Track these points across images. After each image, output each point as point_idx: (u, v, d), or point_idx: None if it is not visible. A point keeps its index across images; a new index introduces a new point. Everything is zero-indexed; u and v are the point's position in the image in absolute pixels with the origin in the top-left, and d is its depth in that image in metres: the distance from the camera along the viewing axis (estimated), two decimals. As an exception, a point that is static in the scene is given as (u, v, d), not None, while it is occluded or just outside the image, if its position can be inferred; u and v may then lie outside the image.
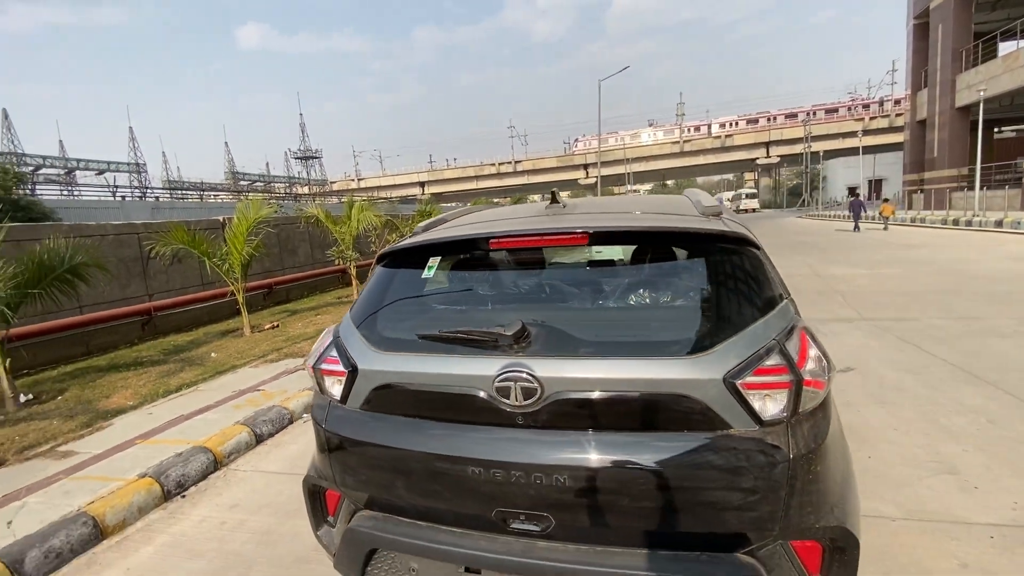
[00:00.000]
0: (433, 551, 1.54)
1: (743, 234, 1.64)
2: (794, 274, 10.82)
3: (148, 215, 22.57)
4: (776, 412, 1.35)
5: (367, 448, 1.63)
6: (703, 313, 1.56)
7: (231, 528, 2.97)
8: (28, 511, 3.09)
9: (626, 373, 1.41)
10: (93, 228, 8.08)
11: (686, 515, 1.37)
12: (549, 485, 1.41)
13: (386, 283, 1.88)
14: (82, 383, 5.97)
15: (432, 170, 76.51)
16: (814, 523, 1.36)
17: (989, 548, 2.36)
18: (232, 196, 56.23)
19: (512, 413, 1.46)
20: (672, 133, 77.91)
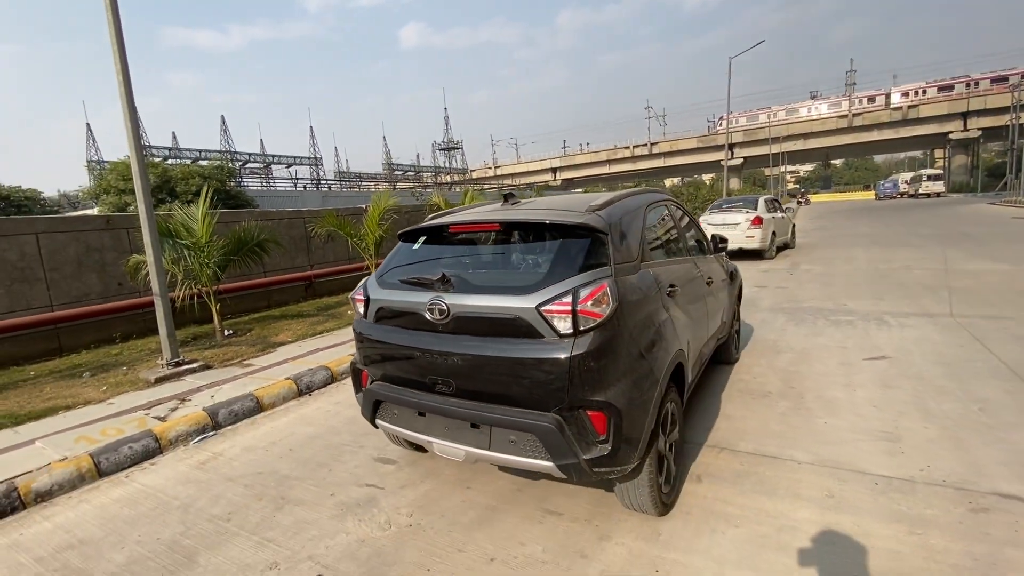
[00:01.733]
0: (404, 402, 2.72)
1: (590, 224, 2.50)
2: (917, 267, 9.92)
3: (319, 203, 27.25)
4: (565, 328, 2.24)
5: (374, 343, 2.86)
6: (544, 269, 2.48)
7: (333, 414, 4.50)
8: (223, 392, 4.96)
9: (493, 303, 2.41)
10: (273, 214, 10.72)
11: (521, 386, 2.34)
12: (453, 363, 2.48)
13: (397, 251, 3.09)
14: (262, 326, 8.31)
15: (565, 156, 77.40)
16: (590, 397, 2.24)
17: (863, 490, 2.85)
18: (387, 185, 63.38)
19: (435, 323, 2.55)
20: (839, 106, 68.46)
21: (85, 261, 7.61)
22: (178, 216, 7.47)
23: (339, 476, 3.37)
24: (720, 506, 2.78)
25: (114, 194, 19.36)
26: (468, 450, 2.51)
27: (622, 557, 2.42)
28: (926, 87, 62.50)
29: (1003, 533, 2.42)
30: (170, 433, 4.01)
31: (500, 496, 3.00)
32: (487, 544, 2.57)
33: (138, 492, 3.34)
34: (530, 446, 2.34)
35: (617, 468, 2.32)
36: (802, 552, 2.38)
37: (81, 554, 2.71)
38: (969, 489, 2.78)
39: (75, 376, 5.90)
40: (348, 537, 2.70)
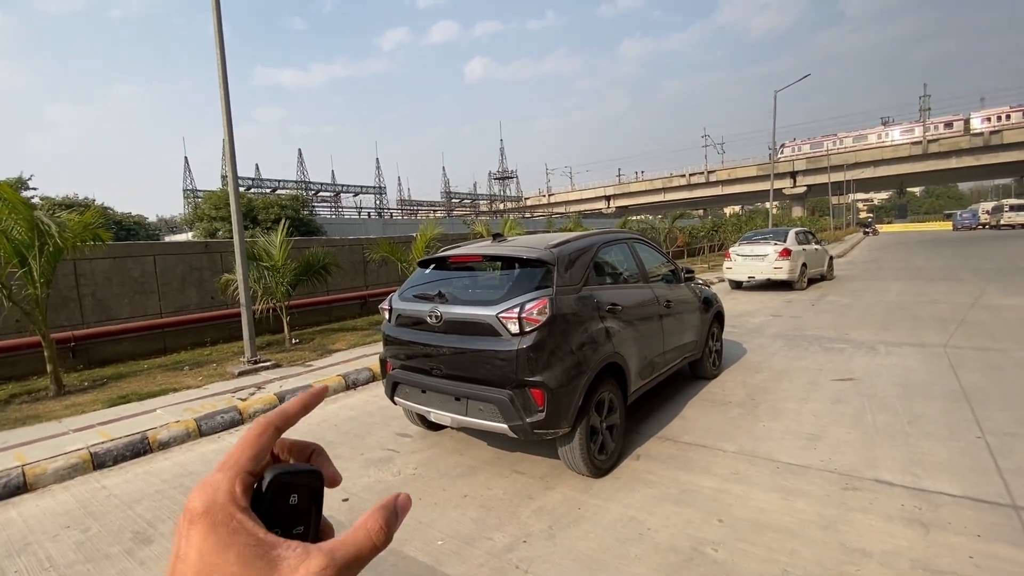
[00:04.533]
0: (413, 383, 3.77)
1: (542, 258, 3.50)
2: (943, 301, 10.00)
3: (380, 230, 29.55)
4: (515, 329, 3.22)
5: (394, 340, 3.94)
6: (506, 288, 3.48)
7: (369, 403, 5.64)
8: (288, 383, 6.23)
9: (470, 311, 3.44)
10: (336, 241, 12.34)
11: (485, 369, 3.32)
12: (443, 354, 3.52)
13: (415, 274, 4.20)
14: (323, 336, 9.72)
15: (619, 184, 77.91)
16: (530, 378, 3.18)
17: (765, 470, 3.59)
18: (444, 212, 66.34)
19: (433, 326, 3.60)
20: (912, 132, 65.16)
21: (188, 278, 9.35)
22: (260, 243, 9.08)
23: (368, 443, 4.45)
24: (645, 475, 3.61)
25: (207, 221, 22.22)
26: (453, 416, 3.51)
27: (557, 500, 3.32)
28: (1010, 111, 58.48)
29: (858, 504, 3.11)
30: (250, 409, 5.27)
31: (482, 460, 3.96)
32: (464, 488, 3.54)
33: (227, 446, 4.57)
34: (492, 413, 3.32)
35: (551, 430, 3.24)
36: (691, 504, 3.18)
37: (191, 479, 3.93)
38: (852, 476, 3.45)
39: (178, 369, 7.43)
40: (369, 479, 3.75)
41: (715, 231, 26.63)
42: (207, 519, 0.34)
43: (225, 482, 0.35)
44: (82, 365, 7.70)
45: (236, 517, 0.34)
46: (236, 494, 0.35)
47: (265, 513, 0.36)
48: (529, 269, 3.54)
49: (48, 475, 3.91)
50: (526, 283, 3.46)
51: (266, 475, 0.37)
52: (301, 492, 0.38)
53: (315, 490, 0.39)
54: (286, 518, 0.37)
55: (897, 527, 2.84)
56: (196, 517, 0.34)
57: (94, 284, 8.09)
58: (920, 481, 3.32)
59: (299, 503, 0.38)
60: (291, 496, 0.38)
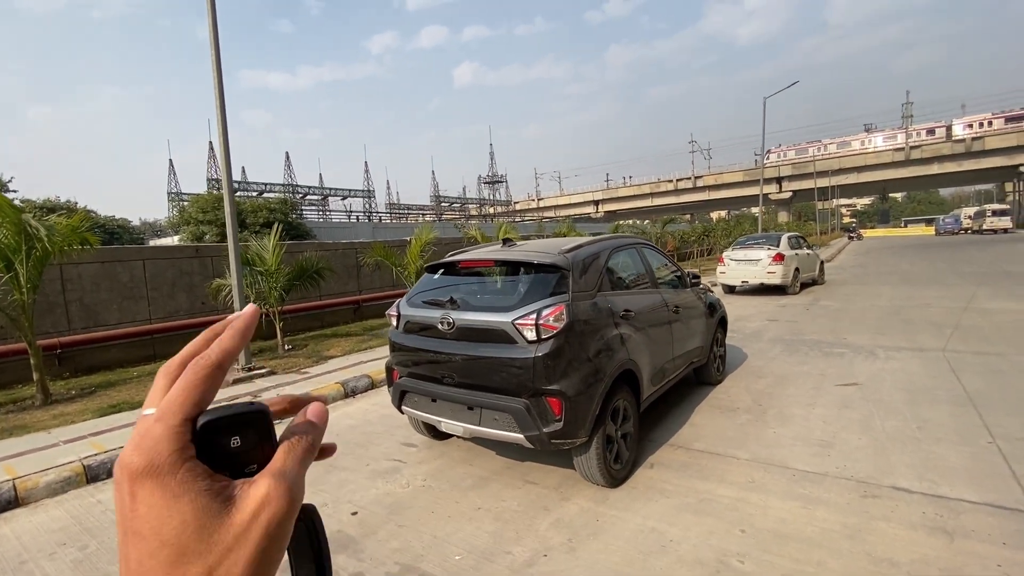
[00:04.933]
0: (422, 391, 3.67)
1: (556, 263, 3.43)
2: (935, 306, 10.12)
3: (370, 234, 29.29)
4: (531, 337, 3.14)
5: (403, 347, 3.84)
6: (521, 294, 3.40)
7: (370, 411, 5.51)
8: (285, 391, 6.04)
9: (484, 318, 3.35)
10: (329, 245, 12.18)
11: (500, 378, 3.24)
12: (456, 362, 3.42)
13: (423, 279, 4.10)
14: (316, 342, 9.55)
15: (607, 189, 78.37)
16: (547, 386, 3.11)
17: (781, 478, 3.54)
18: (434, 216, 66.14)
19: (445, 332, 3.51)
20: (895, 139, 66.47)
21: (178, 283, 9.14)
22: (253, 247, 8.90)
23: (373, 453, 4.34)
24: (661, 484, 3.54)
25: (194, 224, 21.85)
26: (465, 426, 3.42)
27: (574, 511, 3.24)
28: (992, 118, 59.99)
29: (880, 512, 3.07)
30: (247, 419, 5.12)
31: (493, 470, 3.87)
32: (477, 499, 3.45)
33: (225, 457, 4.42)
34: (507, 423, 3.23)
35: (569, 440, 3.17)
36: (711, 514, 3.12)
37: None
38: (869, 483, 3.42)
39: (169, 377, 7.22)
40: (377, 491, 3.64)
41: (706, 236, 26.82)
42: (152, 474, 0.32)
43: (165, 435, 0.33)
44: (68, 373, 7.46)
45: (184, 466, 0.33)
46: (181, 444, 0.33)
47: (208, 460, 0.35)
48: (544, 274, 3.47)
49: (40, 489, 3.74)
50: (541, 289, 3.38)
51: (198, 421, 0.35)
52: (244, 433, 0.37)
53: (261, 429, 0.38)
54: (232, 461, 0.36)
55: (921, 536, 2.81)
56: (138, 474, 0.32)
57: (81, 289, 7.86)
58: (938, 488, 3.30)
59: (244, 443, 0.37)
60: (232, 439, 0.36)
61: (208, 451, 0.35)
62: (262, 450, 0.38)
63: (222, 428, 0.36)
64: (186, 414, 0.34)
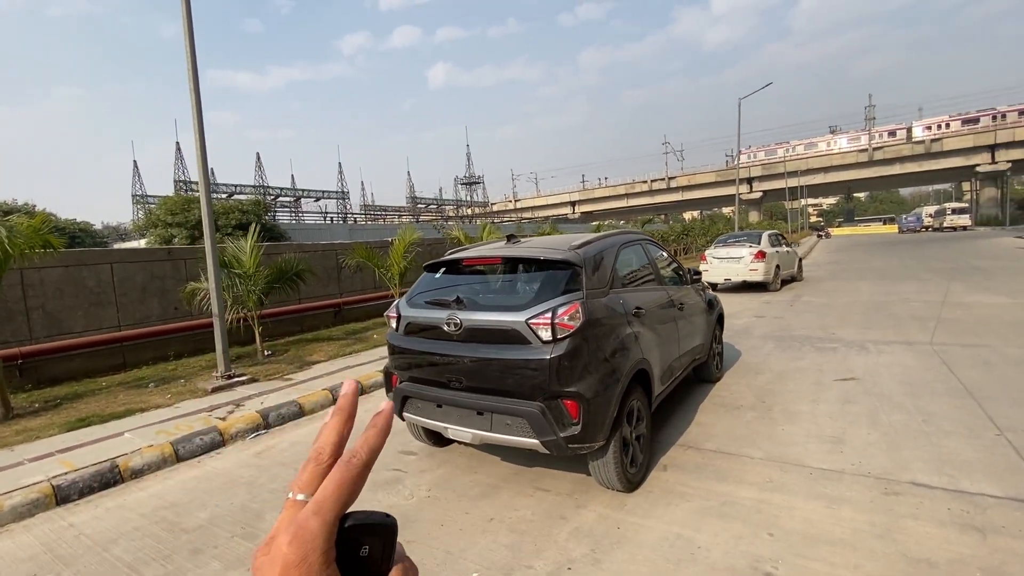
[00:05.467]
0: (426, 396, 3.46)
1: (569, 259, 3.27)
2: (916, 300, 10.34)
3: (347, 235, 28.67)
4: (547, 336, 2.97)
5: (404, 351, 3.62)
6: (533, 292, 3.23)
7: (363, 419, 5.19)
8: (270, 399, 5.77)
9: (494, 317, 3.17)
10: (308, 246, 11.78)
11: (512, 380, 3.06)
12: (464, 365, 3.22)
13: (422, 278, 3.89)
14: (297, 347, 9.19)
15: (583, 190, 78.88)
16: (565, 388, 2.94)
17: (800, 477, 3.45)
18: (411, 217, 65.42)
19: (451, 334, 3.31)
20: (858, 140, 68.71)
21: (149, 288, 8.66)
22: (230, 249, 8.50)
23: (371, 463, 4.09)
24: (678, 487, 3.41)
25: (162, 227, 20.95)
26: (475, 432, 3.23)
27: (592, 519, 3.08)
28: (949, 120, 62.51)
29: (905, 510, 3.00)
30: (231, 430, 4.81)
31: (501, 477, 3.68)
32: (488, 509, 3.25)
33: (210, 472, 4.12)
34: (521, 427, 3.05)
35: (587, 444, 3.00)
36: (736, 518, 3.00)
37: (173, 512, 3.48)
38: (889, 479, 3.35)
39: (141, 387, 6.80)
40: (379, 504, 3.41)
41: (685, 235, 27.15)
42: (303, 571, 0.34)
43: (321, 532, 0.35)
44: (31, 385, 6.96)
45: (328, 570, 0.35)
46: (330, 544, 0.36)
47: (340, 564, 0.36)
48: (555, 271, 3.30)
49: (5, 513, 3.39)
50: (553, 286, 3.21)
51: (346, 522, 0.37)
52: (372, 543, 0.38)
53: (387, 543, 0.39)
54: (357, 570, 0.37)
55: (953, 533, 2.74)
56: (291, 566, 0.34)
57: (44, 295, 7.36)
58: (957, 483, 3.25)
59: (370, 554, 0.38)
60: (363, 547, 0.38)
61: (342, 554, 0.37)
62: (381, 565, 0.39)
63: (360, 534, 0.38)
64: (338, 512, 0.37)
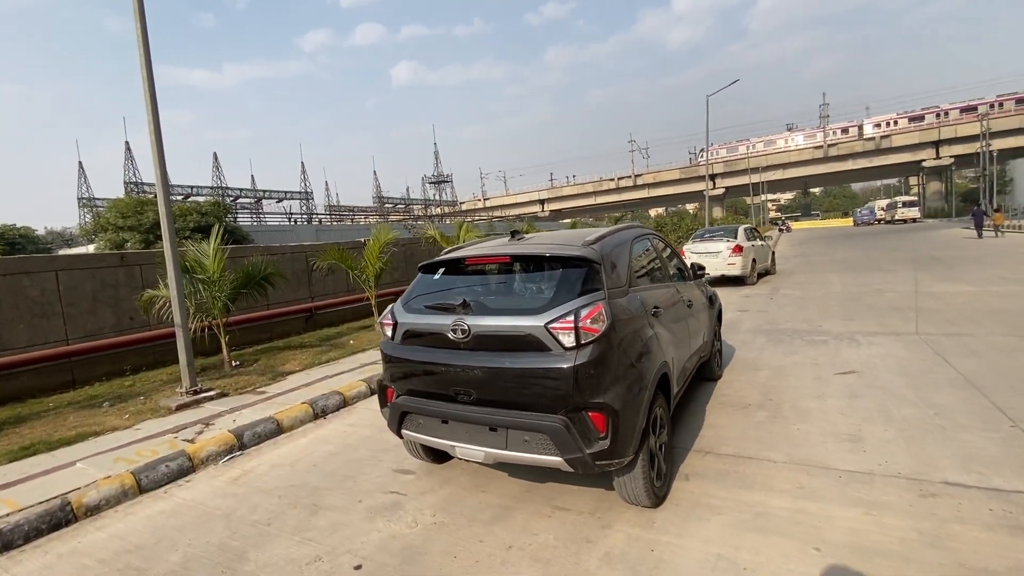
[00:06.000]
0: (429, 412, 3.11)
1: (586, 256, 2.99)
2: (888, 291, 10.55)
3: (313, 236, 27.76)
4: (569, 342, 2.68)
5: (401, 361, 3.26)
6: (549, 294, 2.94)
7: (348, 434, 4.84)
8: (243, 416, 5.28)
9: (507, 322, 2.85)
10: (276, 248, 11.14)
11: (531, 392, 2.76)
12: (473, 376, 2.90)
13: (418, 281, 3.53)
14: (268, 356, 8.61)
15: (552, 188, 79.12)
16: (591, 399, 2.66)
17: (829, 481, 3.27)
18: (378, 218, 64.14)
19: (457, 341, 2.98)
20: (814, 137, 71.32)
21: (100, 297, 7.93)
22: (191, 253, 7.86)
23: (364, 486, 3.71)
24: (705, 499, 3.18)
25: (112, 231, 19.67)
26: (487, 451, 2.90)
27: (622, 541, 2.80)
28: (897, 118, 65.58)
29: (948, 513, 2.84)
30: (202, 453, 4.32)
31: (512, 496, 3.37)
32: (504, 535, 2.94)
33: (180, 505, 3.65)
34: (541, 444, 2.74)
35: (616, 460, 2.73)
36: (775, 531, 2.78)
37: (140, 556, 3.02)
38: (920, 479, 3.20)
39: (95, 406, 6.17)
40: (380, 534, 3.05)
41: (658, 230, 27.33)
42: None
43: None
44: (-36, 409, 6.21)
45: None
46: None
47: None
48: (571, 269, 3.00)
49: (-74, 573, 2.86)
50: (571, 286, 2.92)
51: None
52: None
53: None
54: None
55: (1004, 537, 2.58)
56: None
57: (-23, 308, 6.59)
58: (989, 480, 3.13)
59: None
60: None
61: None
62: None
63: None
64: None
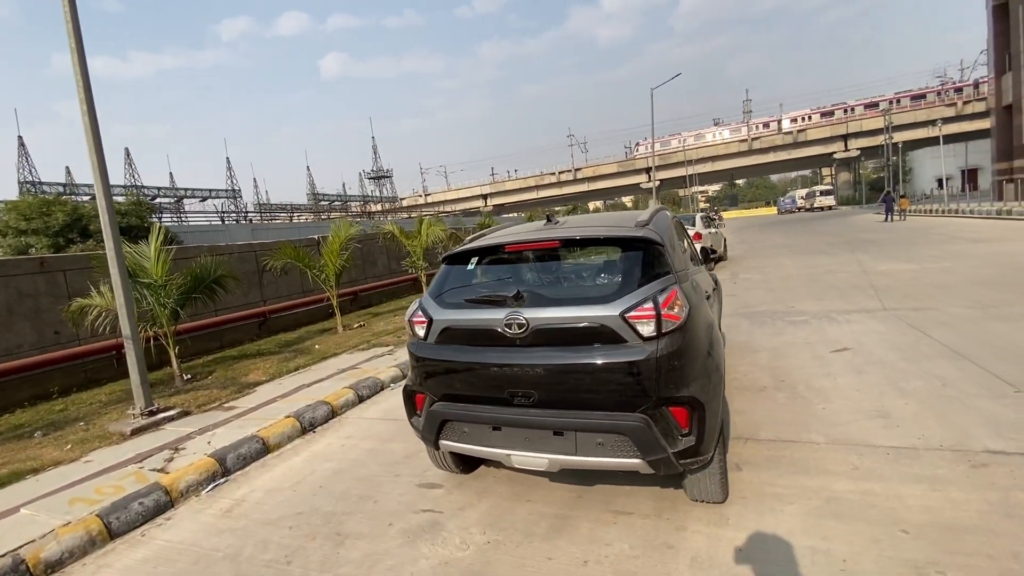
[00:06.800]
0: (477, 418, 2.76)
1: (649, 237, 2.74)
2: (840, 271, 11.15)
3: (249, 236, 25.87)
4: (649, 332, 2.44)
5: (439, 364, 2.88)
6: (617, 280, 2.68)
7: (349, 448, 4.35)
8: (218, 436, 4.64)
9: (573, 313, 2.56)
10: (223, 248, 10.16)
11: (605, 389, 2.49)
12: (534, 375, 2.58)
13: (447, 273, 3.15)
14: (224, 367, 7.78)
15: (494, 183, 78.88)
16: (675, 394, 2.43)
17: (881, 459, 3.23)
18: (314, 216, 61.24)
19: (512, 338, 2.65)
20: (739, 132, 75.50)
21: (16, 309, 6.83)
22: (128, 256, 6.92)
23: (388, 506, 3.29)
24: (768, 488, 3.04)
25: (12, 235, 17.30)
26: (552, 458, 2.60)
27: (704, 544, 2.59)
28: (811, 113, 70.69)
29: (1006, 481, 2.84)
30: (179, 484, 3.71)
31: (564, 504, 3.08)
32: (573, 549, 2.65)
33: (167, 549, 3.07)
34: (618, 446, 2.48)
35: (700, 458, 2.51)
36: (854, 517, 2.67)
37: (133, 619, 2.47)
38: (963, 450, 3.23)
39: (23, 437, 5.26)
40: (429, 562, 2.67)
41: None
42: None
43: None
44: None
45: None
46: None
47: None
48: (634, 252, 2.74)
49: None
50: (637, 271, 2.65)
51: None
52: None
53: None
54: None
55: (1073, 503, 2.60)
56: None
57: None
58: (1027, 446, 3.20)
59: None
60: None
61: None
62: None
63: None
64: None
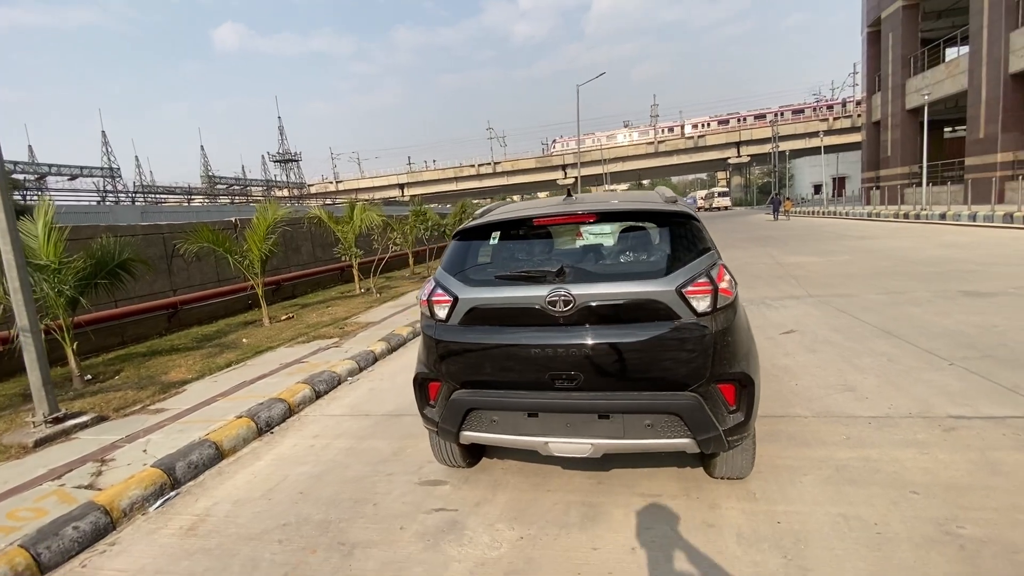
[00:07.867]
0: (508, 405, 2.54)
1: (689, 212, 2.68)
2: (757, 263, 12.10)
3: (138, 219, 22.85)
4: (704, 308, 2.38)
5: (466, 346, 2.61)
6: (665, 255, 2.59)
7: (320, 449, 3.90)
8: (154, 443, 3.96)
9: (623, 289, 2.42)
10: (123, 229, 8.81)
11: (657, 368, 2.39)
12: (580, 356, 2.41)
13: (463, 248, 2.87)
14: (133, 365, 6.74)
15: (412, 172, 76.88)
16: (728, 370, 2.40)
17: (865, 428, 3.46)
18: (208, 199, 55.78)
19: (556, 316, 2.46)
20: (647, 134, 79.93)
21: None
22: (12, 231, 5.72)
23: (392, 508, 2.95)
24: (778, 461, 3.12)
25: None
26: (596, 442, 2.45)
27: (741, 519, 2.58)
28: (709, 120, 76.65)
29: (978, 442, 3.14)
30: (121, 502, 3.08)
31: (587, 491, 2.94)
32: (616, 537, 2.52)
33: (123, 580, 2.51)
34: (669, 427, 2.38)
35: (744, 435, 2.49)
36: (866, 482, 2.81)
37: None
38: (932, 416, 3.54)
39: None
40: (462, 565, 2.41)
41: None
42: None
43: None
44: None
45: None
46: None
47: None
48: (676, 228, 2.64)
49: None
50: (684, 246, 2.56)
51: None
52: None
53: None
54: None
55: (1037, 457, 2.93)
56: None
57: None
58: (980, 409, 3.57)
59: None
60: None
61: None
62: None
63: None
64: None
